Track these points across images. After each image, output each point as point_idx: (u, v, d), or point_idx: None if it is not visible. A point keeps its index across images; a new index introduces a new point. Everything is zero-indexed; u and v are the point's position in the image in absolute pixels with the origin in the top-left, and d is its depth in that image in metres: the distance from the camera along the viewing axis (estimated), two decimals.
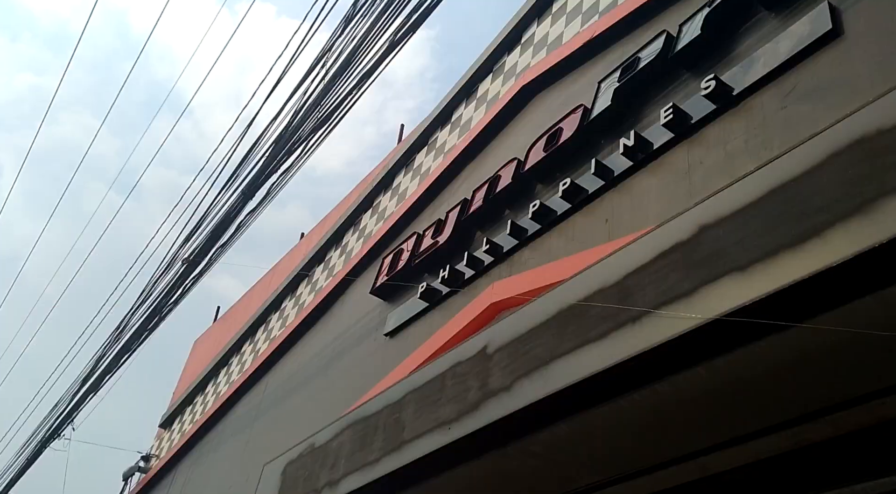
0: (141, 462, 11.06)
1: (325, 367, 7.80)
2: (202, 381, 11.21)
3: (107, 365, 8.86)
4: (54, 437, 9.68)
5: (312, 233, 10.71)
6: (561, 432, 3.13)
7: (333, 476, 4.28)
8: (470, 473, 3.68)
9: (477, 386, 3.54)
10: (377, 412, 4.31)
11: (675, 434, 2.83)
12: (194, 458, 9.97)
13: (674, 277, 2.55)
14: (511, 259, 5.74)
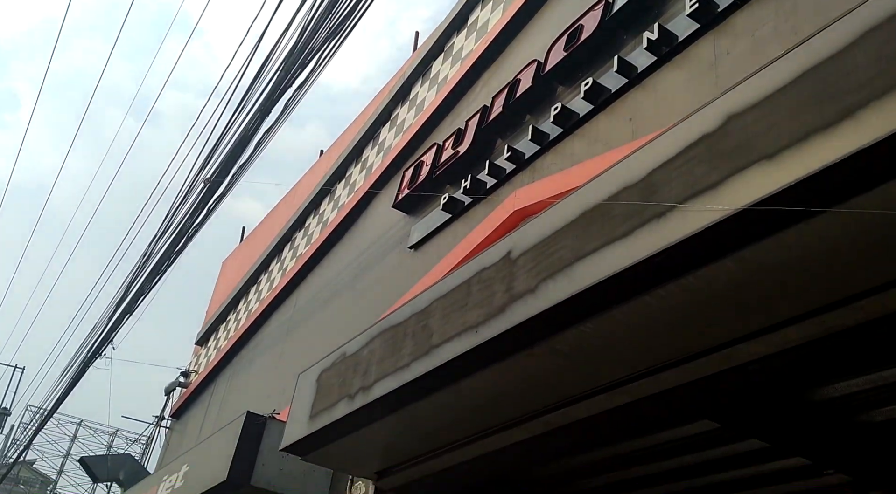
0: (181, 378, 11.50)
1: (352, 282, 7.92)
2: (233, 300, 11.48)
3: (139, 287, 9.07)
4: (96, 357, 10.06)
5: (332, 149, 10.66)
6: (587, 331, 3.16)
7: (366, 382, 4.41)
8: (498, 374, 3.76)
9: (502, 290, 3.57)
10: (405, 320, 4.39)
11: (700, 327, 2.85)
12: (231, 372, 10.33)
13: (700, 170, 2.49)
14: (533, 165, 5.68)
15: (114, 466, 9.69)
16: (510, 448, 4.41)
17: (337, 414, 4.54)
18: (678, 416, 4.12)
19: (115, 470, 9.67)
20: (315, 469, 5.83)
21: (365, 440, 4.68)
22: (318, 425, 4.68)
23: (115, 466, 9.70)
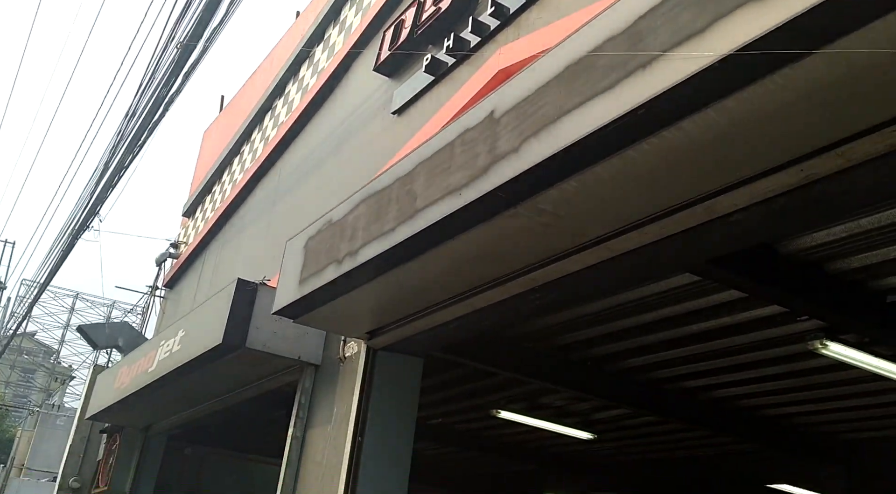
0: (171, 249, 11.61)
1: (336, 149, 7.82)
2: (217, 170, 11.37)
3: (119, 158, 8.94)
4: (84, 229, 10.08)
5: (308, 9, 10.16)
6: (569, 188, 3.15)
7: (352, 247, 4.45)
8: (482, 235, 3.79)
9: (486, 151, 3.52)
10: (389, 185, 4.36)
11: (682, 179, 2.84)
12: (220, 243, 10.42)
13: (686, 15, 2.38)
14: (518, 20, 5.45)
15: (112, 333, 10.00)
16: (496, 306, 4.53)
17: (325, 279, 4.62)
18: (660, 270, 4.21)
19: (114, 337, 9.99)
20: (308, 332, 6.02)
21: (354, 302, 4.79)
22: (307, 289, 4.78)
23: (113, 333, 10.01)
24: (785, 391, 6.79)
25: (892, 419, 7.11)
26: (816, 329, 5.16)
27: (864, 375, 5.98)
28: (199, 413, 8.07)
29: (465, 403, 8.77)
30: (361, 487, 5.09)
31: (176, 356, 6.55)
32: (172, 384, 7.00)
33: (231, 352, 5.89)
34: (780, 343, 5.70)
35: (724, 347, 5.97)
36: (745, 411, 7.58)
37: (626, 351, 6.50)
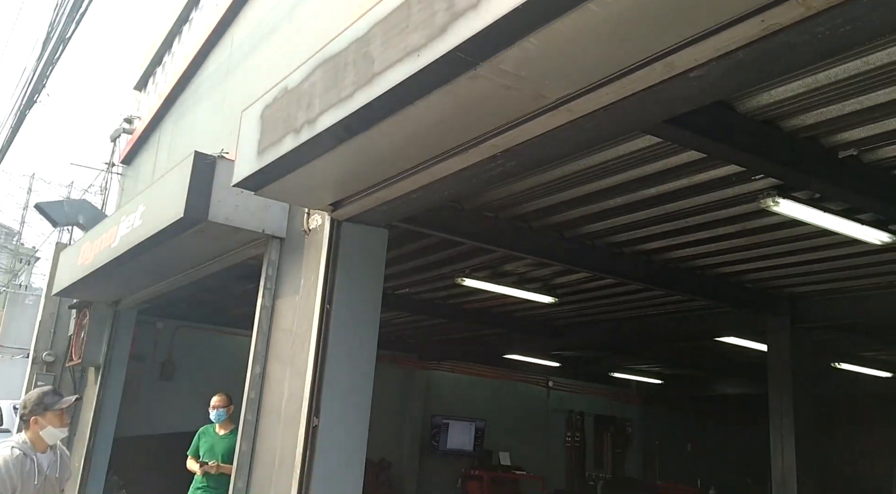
0: (125, 125, 11.24)
1: (290, 14, 7.45)
2: (166, 41, 10.82)
3: (60, 29, 8.43)
4: (31, 103, 9.65)
5: None
6: (530, 46, 3.08)
7: (310, 115, 4.35)
8: (443, 100, 3.72)
9: (444, 7, 3.38)
10: (345, 48, 4.21)
11: (641, 33, 2.79)
12: (175, 117, 10.10)
13: None
14: None
15: (71, 211, 9.84)
16: (458, 175, 4.52)
17: (284, 149, 4.54)
18: (620, 131, 4.22)
19: (73, 215, 9.84)
20: (271, 204, 5.99)
21: (315, 173, 4.74)
22: (266, 160, 4.70)
23: (72, 211, 9.85)
24: (736, 249, 7.07)
25: (835, 272, 7.50)
26: (769, 187, 5.30)
27: (812, 231, 6.24)
28: (167, 287, 8.13)
29: (430, 273, 8.98)
30: (332, 351, 5.26)
31: (138, 231, 6.51)
32: (137, 259, 6.99)
33: (193, 226, 5.86)
34: (734, 203, 5.86)
35: (681, 209, 6.12)
36: (697, 270, 7.90)
37: (586, 217, 6.64)
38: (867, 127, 4.56)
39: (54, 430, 3.84)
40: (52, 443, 3.85)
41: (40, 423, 3.80)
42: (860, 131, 4.62)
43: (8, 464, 3.59)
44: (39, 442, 3.80)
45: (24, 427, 3.83)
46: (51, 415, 3.83)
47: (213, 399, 6.57)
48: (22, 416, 3.84)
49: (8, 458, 3.61)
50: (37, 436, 3.81)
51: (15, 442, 3.75)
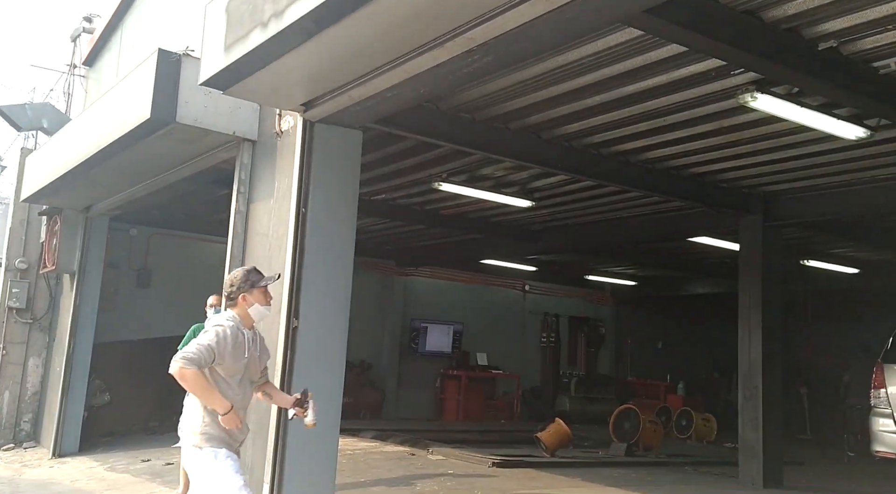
0: (85, 24, 10.71)
1: None
2: None
3: None
4: None
5: None
6: None
7: (277, 8, 4.15)
8: None
9: None
10: None
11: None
12: (137, 14, 9.66)
13: None
14: None
15: (35, 115, 9.50)
16: (433, 71, 4.39)
17: (251, 44, 4.36)
18: (599, 20, 4.09)
19: (37, 119, 9.51)
20: (241, 105, 5.82)
21: (285, 69, 4.58)
22: (233, 56, 4.52)
23: (35, 115, 9.51)
24: (713, 148, 7.06)
25: (809, 170, 7.56)
26: (748, 82, 5.24)
27: (789, 128, 6.24)
28: (139, 192, 8.00)
29: (407, 177, 8.90)
30: (309, 255, 5.26)
31: (105, 134, 6.32)
32: (105, 163, 6.84)
33: (161, 128, 5.70)
34: (713, 100, 5.80)
35: (659, 107, 6.06)
36: (674, 171, 7.91)
37: (564, 117, 6.55)
38: (848, 17, 4.47)
39: (261, 308, 3.84)
40: (257, 321, 3.86)
41: (248, 300, 3.80)
42: (841, 21, 4.54)
43: (226, 332, 3.64)
44: (247, 319, 3.81)
45: (232, 305, 3.83)
46: (257, 293, 3.82)
47: (210, 298, 6.62)
48: (229, 295, 3.83)
49: (227, 328, 3.66)
50: (245, 313, 3.81)
51: (227, 318, 3.77)
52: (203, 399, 3.57)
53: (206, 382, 3.54)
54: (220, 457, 3.56)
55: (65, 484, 7.47)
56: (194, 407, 3.65)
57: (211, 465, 3.54)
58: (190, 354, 3.47)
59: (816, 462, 10.83)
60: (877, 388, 7.28)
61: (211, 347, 3.55)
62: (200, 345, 3.53)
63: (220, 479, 3.52)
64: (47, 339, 10.38)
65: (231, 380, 3.68)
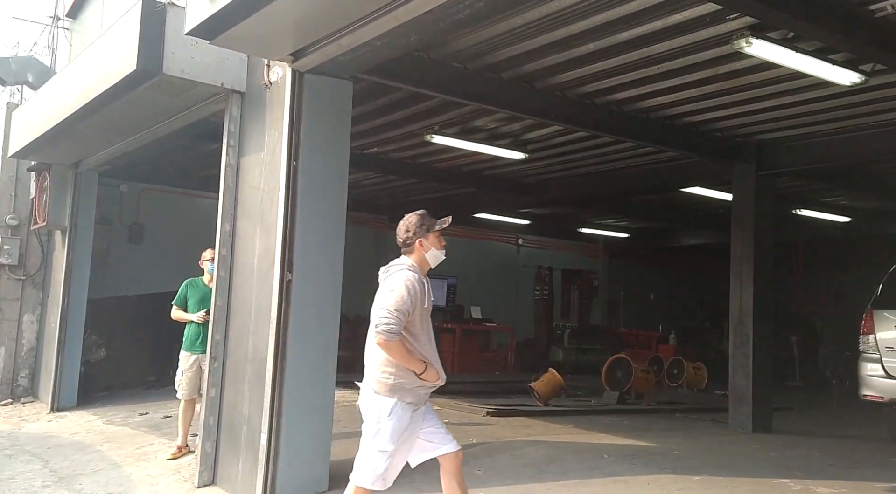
0: None
1: None
2: None
3: None
4: None
5: None
6: None
7: None
8: None
9: None
10: None
11: None
12: None
13: None
14: None
15: (19, 68, 9.29)
16: (426, 17, 4.30)
17: None
18: None
19: (22, 73, 9.32)
20: (229, 56, 5.71)
21: (273, 16, 4.48)
22: (219, 3, 4.41)
23: (20, 68, 9.31)
24: (707, 96, 7.01)
25: (802, 117, 7.52)
26: (743, 27, 5.17)
27: (783, 74, 6.18)
28: (128, 147, 7.90)
29: (399, 130, 8.82)
30: (301, 207, 5.24)
31: (91, 87, 6.21)
32: (92, 117, 6.73)
33: (148, 80, 5.60)
34: (707, 46, 5.73)
35: (653, 54, 5.98)
36: (667, 120, 7.86)
37: (558, 66, 6.46)
38: None
39: (437, 252, 3.82)
40: (433, 266, 3.82)
41: (424, 246, 3.77)
42: None
43: (414, 284, 3.62)
44: (424, 265, 3.78)
45: (408, 252, 3.79)
46: (433, 237, 3.80)
47: (206, 252, 6.62)
48: (405, 242, 3.78)
49: (413, 280, 3.64)
50: (422, 259, 3.78)
51: (408, 266, 3.74)
52: (403, 363, 3.60)
53: (405, 349, 3.60)
54: (400, 410, 3.62)
55: (64, 437, 7.57)
56: (382, 356, 3.64)
57: (385, 415, 3.60)
58: (391, 326, 3.49)
59: (805, 408, 11.06)
60: (865, 334, 7.38)
61: (406, 309, 3.55)
62: (396, 311, 3.52)
63: (385, 433, 3.59)
64: (41, 295, 10.39)
65: (420, 332, 3.69)
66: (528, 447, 6.72)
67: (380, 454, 3.62)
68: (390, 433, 3.62)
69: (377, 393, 3.65)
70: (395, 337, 3.52)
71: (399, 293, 3.57)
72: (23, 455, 6.89)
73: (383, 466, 3.62)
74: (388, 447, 3.61)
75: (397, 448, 3.64)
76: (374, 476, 3.64)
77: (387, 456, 3.62)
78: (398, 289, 3.58)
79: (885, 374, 7.12)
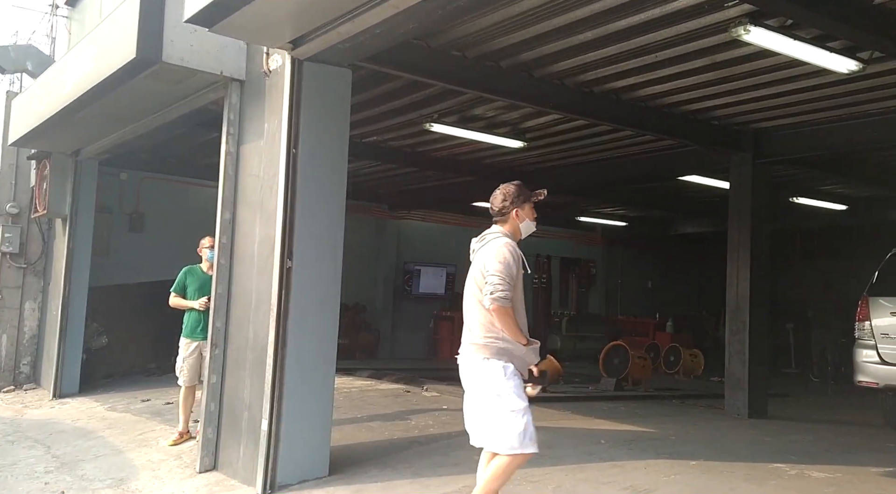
0: None
1: None
2: None
3: None
4: None
5: None
6: None
7: None
8: None
9: None
10: None
11: None
12: None
13: None
14: None
15: (18, 56, 9.29)
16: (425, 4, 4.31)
17: None
18: None
19: (21, 61, 9.31)
20: (228, 44, 5.71)
21: (272, 4, 4.50)
22: None
23: (19, 56, 9.30)
24: (705, 84, 7.02)
25: (800, 105, 7.54)
26: (742, 15, 5.19)
27: (781, 62, 6.20)
28: (127, 135, 7.91)
29: (398, 118, 8.84)
30: (301, 195, 5.26)
31: (90, 75, 6.22)
32: (91, 105, 6.73)
33: (147, 68, 5.60)
34: (705, 34, 5.74)
35: (651, 42, 6.00)
36: (665, 108, 7.88)
37: (557, 54, 6.48)
38: None
39: (530, 223, 3.81)
40: (524, 236, 3.81)
41: (520, 216, 3.76)
42: None
43: (514, 249, 3.64)
44: (517, 235, 3.77)
45: (502, 221, 3.78)
46: (528, 208, 3.79)
47: (205, 240, 6.65)
48: (501, 210, 3.77)
49: (513, 246, 3.66)
50: (515, 229, 3.76)
51: (504, 233, 3.74)
52: (509, 333, 3.61)
53: (513, 319, 3.61)
54: (510, 373, 3.62)
55: (66, 424, 7.63)
56: (486, 321, 3.65)
57: (502, 377, 3.59)
58: (505, 292, 3.51)
59: (801, 394, 11.15)
60: (861, 321, 7.44)
61: (513, 275, 3.56)
62: (507, 278, 3.53)
63: (509, 393, 3.58)
64: (42, 283, 10.43)
65: (517, 301, 3.69)
66: None
67: (515, 414, 3.58)
68: (514, 391, 3.60)
69: (489, 358, 3.63)
70: (508, 303, 3.53)
71: (504, 260, 3.59)
72: (25, 442, 6.96)
73: (524, 423, 3.57)
74: (520, 404, 3.59)
75: (526, 405, 3.61)
76: (522, 436, 3.57)
77: (522, 413, 3.58)
78: (502, 256, 3.60)
79: (881, 361, 7.19)
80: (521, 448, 3.58)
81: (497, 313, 3.56)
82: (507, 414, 3.58)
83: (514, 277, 3.59)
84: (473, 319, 3.75)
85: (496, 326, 3.62)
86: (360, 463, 5.54)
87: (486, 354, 3.64)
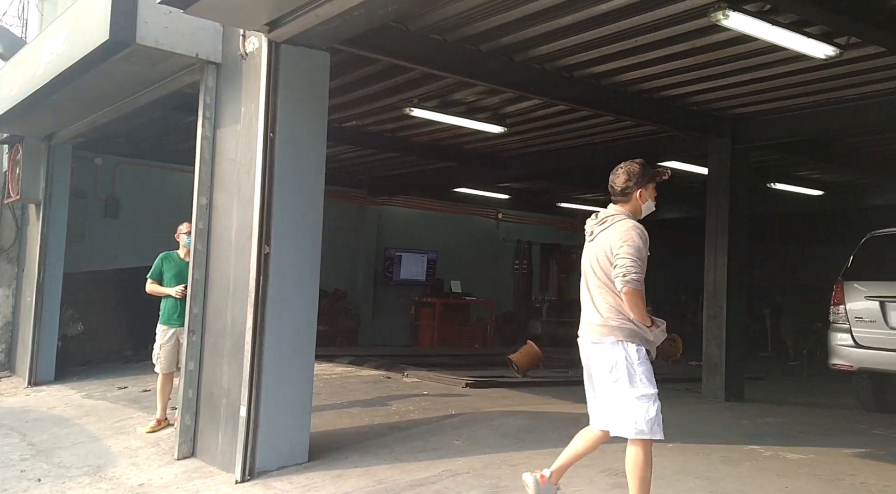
0: None
1: None
2: None
3: None
4: None
5: None
6: None
7: None
8: None
9: None
10: None
11: None
12: None
13: None
14: None
15: None
16: None
17: None
18: None
19: None
20: (204, 26, 5.62)
21: None
22: None
23: None
24: (684, 70, 7.03)
25: (777, 91, 7.59)
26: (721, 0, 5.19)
27: (759, 48, 6.23)
28: (102, 119, 7.78)
29: (377, 103, 8.77)
30: (279, 180, 5.21)
31: (63, 57, 6.10)
32: (64, 88, 6.61)
33: (121, 50, 5.51)
34: (685, 19, 5.75)
35: (632, 27, 5.99)
36: (645, 94, 7.89)
37: (537, 38, 6.45)
38: None
39: (651, 203, 3.69)
40: (643, 216, 3.68)
41: (643, 196, 3.64)
42: None
43: (644, 232, 3.53)
44: (637, 214, 3.64)
45: (624, 201, 3.66)
46: (651, 188, 3.67)
47: (183, 225, 6.57)
48: (623, 190, 3.65)
49: (639, 226, 3.56)
50: (636, 209, 3.65)
51: (626, 213, 3.64)
52: (638, 315, 3.54)
53: (643, 302, 3.53)
54: (643, 357, 3.57)
55: (42, 411, 7.54)
56: (611, 303, 3.59)
57: (635, 361, 3.54)
58: (639, 275, 3.43)
59: (776, 378, 11.30)
60: (836, 305, 7.54)
61: (644, 258, 3.48)
62: (637, 260, 3.45)
63: (642, 378, 3.53)
64: (16, 270, 10.27)
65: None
66: (507, 417, 6.82)
67: (645, 399, 3.52)
68: (646, 375, 3.55)
69: (620, 340, 3.56)
70: (641, 285, 3.47)
71: (635, 242, 3.50)
72: (0, 429, 6.87)
73: (654, 409, 3.51)
74: (651, 390, 3.54)
75: (656, 391, 3.56)
76: (651, 422, 3.50)
77: (653, 399, 3.53)
78: (633, 238, 3.51)
79: (855, 344, 7.29)
80: (651, 433, 3.52)
81: (629, 295, 3.49)
82: (638, 399, 3.53)
83: (644, 259, 3.51)
84: (600, 301, 3.66)
85: (625, 308, 3.55)
86: (341, 449, 5.53)
87: (620, 336, 3.58)
